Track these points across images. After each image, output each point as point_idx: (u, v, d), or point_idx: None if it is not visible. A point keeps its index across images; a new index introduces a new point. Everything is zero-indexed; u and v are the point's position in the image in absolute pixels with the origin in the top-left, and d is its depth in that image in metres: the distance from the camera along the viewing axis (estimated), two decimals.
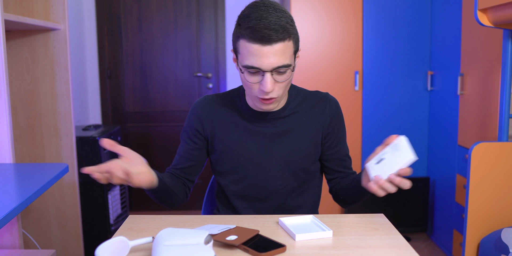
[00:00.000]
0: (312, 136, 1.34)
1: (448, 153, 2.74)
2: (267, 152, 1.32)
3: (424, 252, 2.81)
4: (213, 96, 1.39)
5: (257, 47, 1.13)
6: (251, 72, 1.17)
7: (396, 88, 3.00)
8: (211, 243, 0.91)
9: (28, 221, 2.20)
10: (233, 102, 1.36)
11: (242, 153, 1.33)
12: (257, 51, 1.13)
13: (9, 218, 1.10)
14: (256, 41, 1.12)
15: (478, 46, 2.37)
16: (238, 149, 1.33)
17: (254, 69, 1.15)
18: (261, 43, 1.12)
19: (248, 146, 1.32)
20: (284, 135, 1.32)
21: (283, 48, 1.14)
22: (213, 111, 1.36)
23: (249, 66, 1.15)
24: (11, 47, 2.13)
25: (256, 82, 1.18)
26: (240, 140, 1.33)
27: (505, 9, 1.68)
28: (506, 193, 1.89)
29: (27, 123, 2.16)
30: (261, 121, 1.33)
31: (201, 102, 1.38)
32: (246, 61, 1.16)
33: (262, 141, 1.32)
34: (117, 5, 3.54)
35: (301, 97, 1.37)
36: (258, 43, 1.12)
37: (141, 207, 3.74)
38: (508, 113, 1.93)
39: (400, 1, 2.92)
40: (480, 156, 1.87)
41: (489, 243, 1.83)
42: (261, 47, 1.13)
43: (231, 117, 1.35)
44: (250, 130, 1.33)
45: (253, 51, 1.14)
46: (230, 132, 1.33)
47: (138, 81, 3.61)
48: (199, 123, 1.35)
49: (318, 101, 1.36)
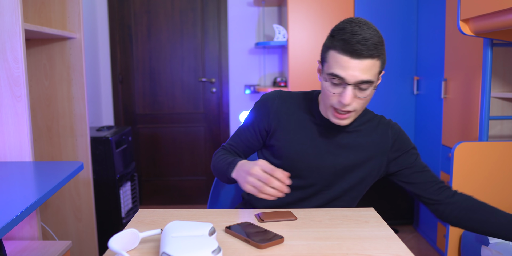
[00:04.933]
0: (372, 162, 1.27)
1: (432, 152, 2.74)
2: (323, 159, 1.26)
3: (411, 243, 2.81)
4: (287, 93, 1.32)
5: (347, 59, 1.08)
6: (334, 82, 1.12)
7: (385, 92, 3.00)
8: (215, 234, 0.91)
9: (47, 215, 2.20)
10: (306, 104, 1.30)
11: (297, 154, 1.26)
12: (345, 63, 1.09)
13: (29, 211, 1.10)
14: (346, 54, 1.08)
15: (460, 54, 2.37)
16: (295, 148, 1.26)
17: (339, 79, 1.10)
18: (351, 56, 1.08)
19: (305, 148, 1.26)
20: (342, 149, 1.26)
21: (371, 65, 1.09)
22: (283, 106, 1.29)
23: (335, 74, 1.10)
24: (30, 54, 2.13)
25: (337, 93, 1.13)
26: (300, 140, 1.26)
27: (485, 19, 1.69)
28: (486, 189, 1.89)
29: (45, 125, 2.16)
30: (327, 129, 1.26)
31: (273, 95, 1.31)
32: (332, 69, 1.11)
33: (321, 148, 1.26)
34: (128, 16, 3.54)
35: (367, 117, 1.30)
36: (348, 56, 1.08)
37: (150, 201, 3.74)
38: (488, 115, 1.93)
39: (388, 11, 2.93)
40: (462, 155, 1.87)
41: (470, 235, 1.83)
42: (350, 60, 1.08)
43: (298, 116, 1.29)
44: (313, 134, 1.27)
45: (342, 62, 1.09)
46: (292, 130, 1.27)
47: (148, 86, 3.61)
48: (266, 116, 1.29)
49: (379, 124, 1.30)
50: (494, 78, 2.06)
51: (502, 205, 1.91)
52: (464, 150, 1.87)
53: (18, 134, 1.61)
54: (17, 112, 1.60)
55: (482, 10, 1.64)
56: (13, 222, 1.02)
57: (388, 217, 2.98)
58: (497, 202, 1.90)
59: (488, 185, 1.89)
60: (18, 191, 1.24)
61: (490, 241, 1.67)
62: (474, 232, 1.21)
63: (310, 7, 2.90)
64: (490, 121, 2.06)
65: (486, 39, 1.88)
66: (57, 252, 1.48)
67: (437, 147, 2.66)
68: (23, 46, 1.58)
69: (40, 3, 2.08)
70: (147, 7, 3.52)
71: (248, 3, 3.51)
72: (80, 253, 2.25)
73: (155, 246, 0.94)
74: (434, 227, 2.69)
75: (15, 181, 1.39)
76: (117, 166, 2.65)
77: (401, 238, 2.82)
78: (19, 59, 1.58)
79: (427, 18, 2.79)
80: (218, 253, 0.81)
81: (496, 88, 2.07)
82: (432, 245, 2.74)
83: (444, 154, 2.57)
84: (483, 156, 1.87)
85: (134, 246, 0.93)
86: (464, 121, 2.34)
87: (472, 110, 2.25)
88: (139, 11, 3.53)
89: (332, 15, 2.91)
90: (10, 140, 1.62)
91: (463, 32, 1.82)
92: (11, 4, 1.55)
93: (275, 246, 0.94)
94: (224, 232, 1.02)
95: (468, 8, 1.74)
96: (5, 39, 1.56)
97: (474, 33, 1.81)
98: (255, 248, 0.92)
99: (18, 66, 1.58)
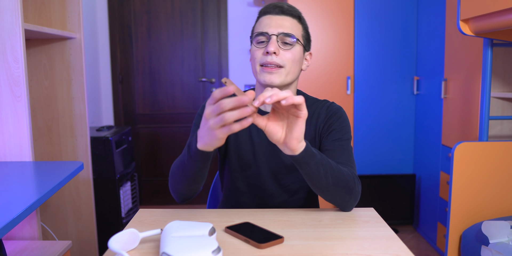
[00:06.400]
0: (311, 140, 1.26)
1: (432, 152, 2.74)
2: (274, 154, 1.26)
3: (411, 243, 2.81)
4: None
5: (269, 16, 1.18)
6: (260, 40, 1.17)
7: (385, 92, 3.00)
8: (215, 234, 0.91)
9: (46, 215, 2.20)
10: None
11: (249, 153, 1.27)
12: (268, 20, 1.18)
13: (29, 211, 1.10)
14: (269, 11, 1.18)
15: (460, 53, 2.37)
16: (246, 148, 1.27)
17: (262, 35, 1.16)
18: (272, 12, 1.18)
19: (254, 146, 1.27)
20: None
21: (291, 22, 1.18)
22: None
23: (258, 32, 1.17)
24: (30, 54, 2.13)
25: (262, 47, 1.17)
26: (247, 140, 1.27)
27: (485, 19, 1.69)
28: (486, 189, 1.89)
29: (45, 124, 2.16)
30: None
31: None
32: (256, 31, 1.19)
33: (268, 142, 1.25)
34: (128, 16, 3.54)
35: (308, 104, 1.29)
36: (270, 14, 1.18)
37: (150, 201, 3.74)
38: (488, 115, 1.93)
39: (389, 11, 2.93)
40: (462, 155, 1.87)
41: (470, 235, 1.83)
42: (272, 16, 1.18)
43: None
44: (258, 130, 1.27)
45: (265, 20, 1.18)
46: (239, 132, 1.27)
47: (148, 86, 3.61)
48: None
49: (320, 108, 1.28)
50: (494, 78, 2.06)
51: (502, 205, 1.90)
52: (464, 150, 1.86)
53: (18, 134, 1.61)
54: (17, 112, 1.60)
55: (482, 10, 1.64)
56: (13, 222, 1.01)
57: (388, 217, 2.98)
58: (497, 202, 1.90)
59: (488, 185, 1.89)
60: (18, 191, 1.24)
61: (490, 241, 1.67)
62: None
63: (310, 7, 2.90)
64: (490, 121, 2.06)
65: (486, 39, 1.88)
66: (57, 252, 1.48)
67: (437, 147, 2.66)
68: (23, 46, 1.58)
69: (40, 3, 2.08)
70: (147, 7, 3.52)
71: (248, 3, 3.51)
72: (80, 253, 2.25)
73: (155, 246, 0.94)
74: (434, 227, 2.69)
75: (15, 181, 1.39)
76: (117, 166, 2.65)
77: (401, 238, 2.82)
78: (19, 59, 1.58)
79: (427, 18, 2.79)
80: (218, 253, 0.81)
81: (496, 88, 2.07)
82: (432, 245, 2.73)
83: (444, 154, 2.56)
84: (483, 156, 1.87)
85: (134, 246, 0.93)
86: (464, 121, 2.34)
87: (472, 110, 2.25)
88: (139, 11, 3.53)
89: (332, 15, 2.91)
90: (10, 140, 1.62)
91: (463, 32, 1.82)
92: (11, 4, 1.55)
93: (275, 246, 0.94)
94: (224, 232, 1.02)
95: (468, 8, 1.74)
96: (5, 39, 1.56)
97: (474, 33, 1.81)
98: (255, 248, 0.92)
99: (18, 66, 1.58)
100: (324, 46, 2.94)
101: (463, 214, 1.89)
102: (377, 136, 3.03)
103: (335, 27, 2.92)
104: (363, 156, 3.03)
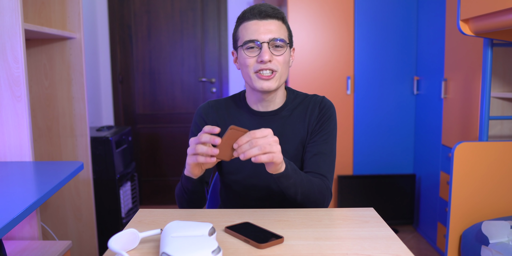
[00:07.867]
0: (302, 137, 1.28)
1: (432, 152, 2.74)
2: None
3: (411, 243, 2.81)
4: (216, 101, 1.36)
5: (255, 21, 1.18)
6: (250, 46, 1.18)
7: (385, 92, 3.00)
8: (214, 234, 0.91)
9: (46, 215, 2.20)
10: (235, 105, 1.33)
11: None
12: (255, 26, 1.18)
13: (29, 211, 1.10)
14: (253, 17, 1.18)
15: (460, 53, 2.37)
16: None
17: (253, 42, 1.17)
18: (259, 17, 1.18)
19: None
20: (279, 136, 1.25)
21: (278, 25, 1.20)
22: (217, 115, 1.32)
23: (248, 40, 1.18)
24: (30, 54, 2.13)
25: (255, 56, 1.18)
26: None
27: (485, 19, 1.69)
28: (486, 189, 1.89)
29: (45, 124, 2.16)
30: (260, 121, 1.29)
31: (205, 107, 1.34)
32: (246, 38, 1.19)
33: None
34: (128, 16, 3.54)
35: (299, 100, 1.32)
36: (256, 19, 1.18)
37: (150, 201, 3.74)
38: (488, 115, 1.93)
39: (389, 11, 2.93)
40: (462, 155, 1.87)
41: (470, 235, 1.83)
42: (258, 21, 1.18)
43: (233, 120, 1.31)
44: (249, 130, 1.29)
45: (252, 26, 1.18)
46: None
47: (148, 86, 3.61)
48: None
49: (312, 103, 1.30)
50: (494, 78, 2.06)
51: (502, 204, 1.91)
52: (464, 150, 1.86)
53: (18, 134, 1.61)
54: (17, 112, 1.60)
55: (482, 10, 1.64)
56: (13, 222, 1.02)
57: (388, 217, 2.98)
58: (497, 202, 1.90)
59: (488, 185, 1.89)
60: (18, 191, 1.24)
61: (490, 241, 1.67)
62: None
63: (310, 7, 2.90)
64: (490, 121, 2.06)
65: (486, 39, 1.88)
66: (57, 252, 1.48)
67: (437, 147, 2.66)
68: (23, 46, 1.58)
69: (40, 3, 2.08)
70: (147, 7, 3.52)
71: (248, 3, 3.51)
72: (80, 253, 2.25)
73: (155, 246, 0.94)
74: (434, 227, 2.69)
75: (15, 181, 1.39)
76: (117, 166, 2.65)
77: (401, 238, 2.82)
78: (19, 59, 1.58)
79: (427, 18, 2.79)
80: (218, 253, 0.81)
81: (496, 88, 2.07)
82: (432, 245, 2.73)
83: (444, 154, 2.57)
84: (483, 156, 1.87)
85: (134, 246, 0.93)
86: (464, 121, 2.34)
87: (472, 110, 2.25)
88: (139, 11, 3.53)
89: (332, 15, 2.91)
90: (10, 140, 1.62)
91: (463, 32, 1.82)
92: (11, 4, 1.55)
93: (275, 246, 0.94)
94: (224, 232, 1.02)
95: (468, 8, 1.74)
96: (5, 39, 1.56)
97: (474, 33, 1.81)
98: (255, 248, 0.92)
99: (18, 66, 1.58)
100: (324, 46, 2.94)
101: (463, 214, 1.89)
102: (377, 136, 3.03)
103: (335, 27, 2.92)
104: (363, 156, 3.03)
